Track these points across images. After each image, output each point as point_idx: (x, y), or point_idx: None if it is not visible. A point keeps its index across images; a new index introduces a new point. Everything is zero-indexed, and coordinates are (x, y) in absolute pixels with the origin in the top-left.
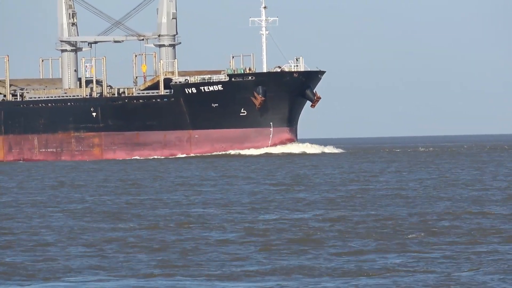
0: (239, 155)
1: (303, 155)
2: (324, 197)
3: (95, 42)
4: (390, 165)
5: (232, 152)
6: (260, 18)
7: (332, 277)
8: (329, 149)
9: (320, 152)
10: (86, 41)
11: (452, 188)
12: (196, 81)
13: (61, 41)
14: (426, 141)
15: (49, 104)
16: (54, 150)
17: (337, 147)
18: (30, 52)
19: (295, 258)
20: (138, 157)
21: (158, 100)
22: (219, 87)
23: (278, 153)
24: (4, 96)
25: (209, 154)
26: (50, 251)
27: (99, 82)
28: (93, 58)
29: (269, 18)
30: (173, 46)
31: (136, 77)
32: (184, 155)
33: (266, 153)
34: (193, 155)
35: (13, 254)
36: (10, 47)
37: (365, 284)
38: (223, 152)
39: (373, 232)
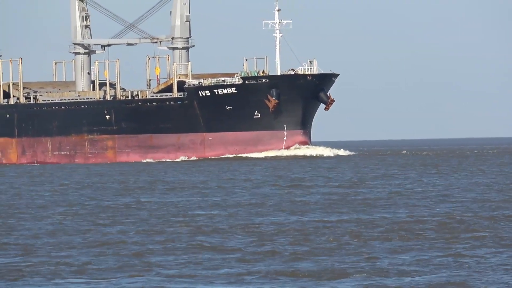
0: (248, 158)
1: (312, 157)
2: (319, 200)
3: (109, 45)
4: (392, 168)
5: (244, 155)
6: (273, 21)
7: (319, 279)
8: (341, 152)
9: (331, 155)
10: (99, 44)
11: (449, 191)
12: (209, 84)
13: (75, 44)
14: (438, 144)
15: (62, 107)
16: (68, 153)
17: (348, 150)
18: (43, 55)
19: (283, 261)
20: (151, 160)
21: (171, 102)
22: (233, 90)
23: (288, 156)
24: (18, 99)
25: (223, 156)
26: (39, 253)
27: (112, 85)
28: (107, 61)
29: (282, 20)
30: (186, 48)
31: (150, 80)
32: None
33: (275, 156)
34: (190, 157)
35: (4, 255)
36: (23, 50)
37: (355, 285)
38: (228, 155)
39: (363, 234)
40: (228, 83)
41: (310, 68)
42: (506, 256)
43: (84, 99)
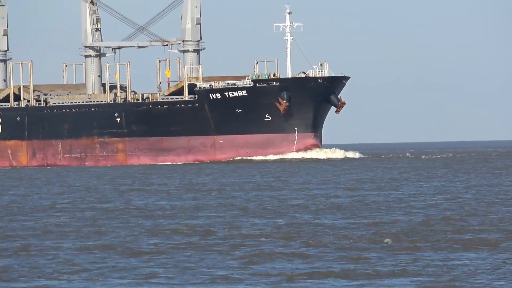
0: (255, 161)
1: (321, 160)
2: (314, 202)
3: (119, 48)
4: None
5: (254, 158)
6: (284, 24)
7: (307, 280)
8: (351, 154)
9: (341, 157)
10: (110, 47)
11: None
12: (220, 87)
13: (85, 46)
14: (443, 146)
15: (73, 110)
16: (78, 155)
17: (357, 153)
18: (53, 58)
19: (271, 261)
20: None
21: (182, 105)
22: (244, 92)
23: (298, 158)
24: (28, 101)
25: (233, 159)
26: (25, 254)
27: (123, 88)
28: (117, 63)
29: (293, 23)
30: (197, 51)
31: (160, 83)
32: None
33: (285, 159)
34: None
35: None
36: (33, 52)
37: (344, 286)
38: (230, 159)
39: (353, 236)
40: (238, 86)
41: (321, 71)
42: (494, 259)
43: (94, 101)
